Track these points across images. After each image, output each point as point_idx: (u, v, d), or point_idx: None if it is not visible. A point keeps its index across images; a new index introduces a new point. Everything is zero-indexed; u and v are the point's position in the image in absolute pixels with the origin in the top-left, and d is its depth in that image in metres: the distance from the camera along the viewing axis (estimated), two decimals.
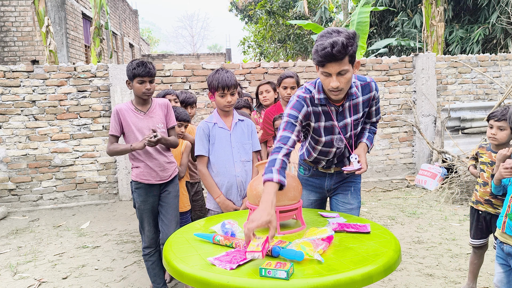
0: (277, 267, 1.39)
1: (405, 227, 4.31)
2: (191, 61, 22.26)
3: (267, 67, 6.25)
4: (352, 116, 2.06)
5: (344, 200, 2.29)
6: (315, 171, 2.32)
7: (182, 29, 55.25)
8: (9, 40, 10.09)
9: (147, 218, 2.79)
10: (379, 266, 1.48)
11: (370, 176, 6.63)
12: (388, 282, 3.05)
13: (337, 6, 16.56)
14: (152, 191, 2.76)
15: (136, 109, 2.71)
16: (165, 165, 2.77)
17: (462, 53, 10.33)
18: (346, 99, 2.02)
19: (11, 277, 3.44)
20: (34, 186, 5.74)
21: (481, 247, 2.76)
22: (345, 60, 1.80)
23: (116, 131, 2.70)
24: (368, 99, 2.08)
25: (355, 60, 1.87)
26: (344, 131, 2.10)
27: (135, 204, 2.81)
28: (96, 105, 5.82)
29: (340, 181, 2.31)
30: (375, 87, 2.09)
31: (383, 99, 6.58)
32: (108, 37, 13.31)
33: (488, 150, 2.69)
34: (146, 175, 2.71)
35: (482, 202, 2.66)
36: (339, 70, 1.82)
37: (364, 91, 2.06)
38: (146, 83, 2.64)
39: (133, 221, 4.95)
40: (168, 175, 2.80)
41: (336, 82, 1.84)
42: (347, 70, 1.83)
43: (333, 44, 1.75)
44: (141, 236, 2.88)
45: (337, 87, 1.85)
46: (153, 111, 2.75)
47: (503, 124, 2.49)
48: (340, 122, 2.07)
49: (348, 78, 1.86)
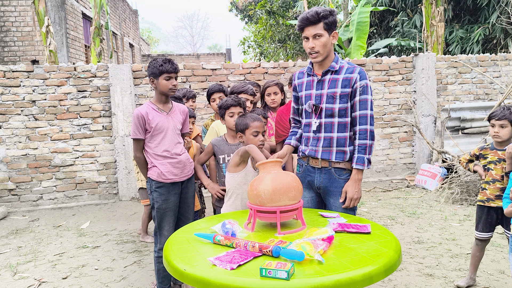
0: (278, 267, 1.39)
1: (405, 227, 4.31)
2: (191, 61, 22.25)
3: (267, 67, 6.25)
4: (328, 89, 2.32)
5: (335, 203, 2.35)
6: (306, 166, 2.45)
7: (182, 29, 55.20)
8: (9, 40, 10.08)
9: (167, 217, 2.76)
10: (380, 267, 1.49)
11: (370, 176, 6.63)
12: (388, 282, 3.05)
13: (337, 6, 16.55)
14: (174, 189, 2.76)
15: (158, 109, 2.72)
16: (186, 163, 2.79)
17: (462, 53, 10.33)
18: (328, 73, 2.33)
19: (11, 277, 3.44)
20: (34, 186, 5.74)
21: (486, 240, 2.88)
22: (319, 25, 2.20)
23: (141, 134, 2.70)
24: (349, 79, 2.28)
25: (332, 31, 2.25)
26: (319, 101, 2.35)
27: (154, 205, 2.76)
28: (96, 105, 5.82)
29: (330, 181, 2.37)
30: (358, 72, 2.28)
31: (383, 99, 6.58)
32: (108, 37, 13.30)
33: (492, 150, 2.81)
34: (169, 174, 2.71)
35: (493, 199, 2.76)
36: (314, 33, 2.22)
37: (347, 71, 2.31)
38: (172, 79, 2.68)
39: (133, 221, 4.95)
40: (189, 173, 2.83)
41: (312, 44, 2.23)
42: (321, 35, 2.22)
43: (309, 11, 2.21)
44: (156, 238, 2.82)
45: (313, 47, 2.23)
46: (174, 112, 2.79)
47: (504, 122, 2.67)
48: (318, 90, 2.36)
49: (323, 42, 2.23)
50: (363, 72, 2.29)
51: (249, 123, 2.53)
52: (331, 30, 2.24)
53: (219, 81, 6.04)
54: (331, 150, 2.33)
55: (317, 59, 2.27)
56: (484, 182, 2.83)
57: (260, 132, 2.54)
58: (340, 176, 2.33)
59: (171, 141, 2.72)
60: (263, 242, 1.67)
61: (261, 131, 2.54)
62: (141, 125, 2.67)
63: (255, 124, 2.52)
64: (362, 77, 2.27)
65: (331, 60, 2.32)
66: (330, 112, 2.31)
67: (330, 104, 2.30)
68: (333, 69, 2.30)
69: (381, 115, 6.59)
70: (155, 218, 2.80)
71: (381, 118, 6.60)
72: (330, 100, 2.30)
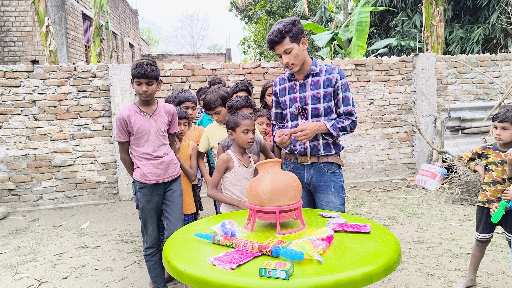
0: (277, 267, 1.39)
1: (405, 227, 4.31)
2: (191, 61, 22.26)
3: (267, 67, 6.25)
4: (312, 91, 2.42)
5: (326, 199, 2.44)
6: (294, 164, 2.53)
7: (182, 29, 55.20)
8: (9, 40, 10.08)
9: (151, 218, 2.79)
10: (379, 266, 1.48)
11: (370, 176, 6.63)
12: (388, 282, 3.05)
13: (337, 6, 16.55)
14: (157, 190, 2.76)
15: (141, 111, 2.69)
16: (169, 164, 2.77)
17: (462, 53, 10.33)
18: (309, 76, 2.44)
19: (11, 277, 3.44)
20: (34, 186, 5.74)
21: (486, 241, 2.88)
22: (285, 41, 2.30)
23: (124, 137, 2.70)
24: (330, 79, 2.40)
25: (300, 40, 2.33)
26: (304, 103, 2.44)
27: (138, 205, 2.79)
28: (96, 105, 5.82)
29: (319, 176, 2.44)
30: (337, 71, 2.41)
31: (383, 99, 6.58)
32: (108, 37, 13.30)
33: (495, 150, 2.79)
34: (151, 175, 2.70)
35: (495, 200, 2.74)
36: (283, 49, 2.32)
37: (326, 73, 2.42)
38: (142, 85, 2.60)
39: (133, 221, 4.95)
40: (173, 173, 2.81)
41: (286, 59, 2.34)
42: (291, 48, 2.32)
43: (272, 32, 2.31)
44: (143, 237, 2.88)
45: (287, 63, 2.35)
46: (159, 114, 2.75)
47: (506, 125, 2.65)
48: (302, 93, 2.46)
49: (294, 54, 2.33)
50: (341, 71, 2.44)
51: (239, 121, 2.57)
52: (299, 39, 2.33)
53: None
54: (318, 144, 2.43)
55: (295, 69, 2.40)
56: (484, 183, 2.81)
57: (250, 130, 2.58)
58: (329, 171, 2.44)
59: (153, 143, 2.70)
60: (262, 242, 1.67)
61: (251, 129, 2.58)
62: (123, 127, 2.67)
63: (245, 122, 2.56)
64: (342, 76, 2.41)
65: (310, 64, 2.45)
66: (316, 112, 2.42)
67: (315, 104, 2.41)
68: (313, 72, 2.43)
69: (381, 115, 6.59)
70: (140, 218, 2.83)
71: (381, 118, 6.60)
72: (315, 100, 2.41)
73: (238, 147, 2.63)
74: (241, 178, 2.60)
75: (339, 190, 2.45)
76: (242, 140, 2.58)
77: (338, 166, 2.47)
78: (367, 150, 6.60)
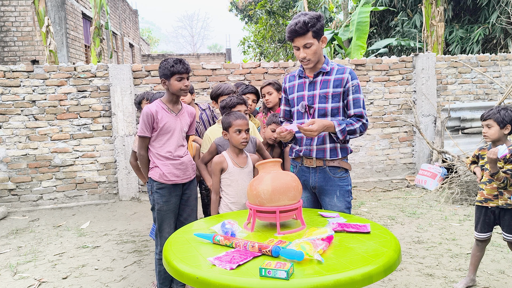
0: (277, 267, 1.39)
1: (405, 227, 4.31)
2: (191, 61, 22.24)
3: (267, 67, 6.25)
4: (321, 89, 2.37)
5: (331, 203, 2.39)
6: (300, 166, 2.47)
7: (182, 29, 55.18)
8: (9, 40, 10.08)
9: (168, 219, 2.75)
10: (379, 266, 1.48)
11: (370, 176, 6.63)
12: (388, 282, 3.05)
13: (337, 6, 16.55)
14: (175, 191, 2.75)
15: (168, 109, 2.71)
16: (188, 165, 2.78)
17: (462, 53, 10.33)
18: (319, 74, 2.38)
19: (11, 277, 3.44)
20: (34, 186, 5.74)
21: (485, 240, 2.89)
22: (308, 35, 2.23)
23: (148, 132, 2.68)
24: (340, 79, 2.35)
25: (320, 36, 2.28)
26: (312, 101, 2.39)
27: (154, 206, 2.75)
28: (96, 105, 5.82)
29: (325, 180, 2.39)
30: (349, 72, 2.35)
31: (383, 99, 6.58)
32: (108, 37, 13.30)
33: (489, 150, 2.80)
34: (171, 175, 2.69)
35: (492, 198, 2.78)
36: (304, 43, 2.25)
37: (337, 72, 2.37)
38: (184, 79, 2.66)
39: (133, 221, 4.95)
40: (191, 175, 2.81)
41: (303, 54, 2.27)
42: (311, 43, 2.26)
43: (296, 23, 2.21)
44: (156, 240, 2.83)
45: (304, 57, 2.28)
46: (183, 114, 2.77)
47: (489, 122, 2.73)
48: (310, 91, 2.40)
49: (314, 50, 2.27)
50: (353, 72, 2.38)
51: (232, 121, 2.58)
52: (320, 36, 2.28)
53: (219, 81, 6.04)
54: (325, 147, 2.37)
55: (309, 65, 2.35)
56: (482, 183, 2.85)
57: (243, 130, 2.58)
58: (335, 175, 2.38)
59: (176, 142, 2.71)
60: (262, 242, 1.67)
61: (244, 129, 2.58)
62: (149, 123, 2.66)
63: (237, 122, 2.57)
64: (353, 77, 2.35)
65: (322, 63, 2.39)
66: (323, 111, 2.37)
67: (323, 104, 2.36)
68: (324, 70, 2.38)
69: (381, 115, 6.59)
70: (155, 220, 2.79)
71: (381, 118, 6.60)
72: (323, 100, 2.36)
73: (233, 147, 2.64)
74: (235, 179, 2.61)
75: (345, 195, 2.39)
76: (235, 140, 2.58)
77: (345, 170, 2.41)
78: (367, 150, 6.60)
